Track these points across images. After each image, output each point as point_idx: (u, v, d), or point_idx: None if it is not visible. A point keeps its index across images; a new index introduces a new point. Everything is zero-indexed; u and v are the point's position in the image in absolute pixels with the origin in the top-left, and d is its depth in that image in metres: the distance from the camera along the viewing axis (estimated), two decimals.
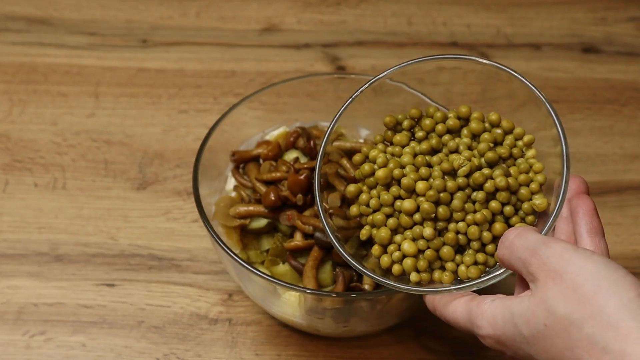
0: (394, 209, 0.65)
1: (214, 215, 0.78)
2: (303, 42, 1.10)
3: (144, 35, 1.10)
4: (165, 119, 1.00)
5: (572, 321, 0.51)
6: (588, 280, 0.51)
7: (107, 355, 0.79)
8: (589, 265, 0.52)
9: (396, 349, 0.80)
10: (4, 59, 1.06)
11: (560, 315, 0.51)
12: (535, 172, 0.64)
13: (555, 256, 0.54)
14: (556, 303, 0.52)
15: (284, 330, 0.81)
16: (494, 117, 0.67)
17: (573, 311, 0.51)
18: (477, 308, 0.58)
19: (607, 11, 1.15)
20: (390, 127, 0.69)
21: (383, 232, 0.65)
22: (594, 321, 0.50)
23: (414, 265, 0.64)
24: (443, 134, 0.67)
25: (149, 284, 0.85)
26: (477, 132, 0.67)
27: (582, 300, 0.51)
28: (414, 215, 0.64)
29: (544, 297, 0.53)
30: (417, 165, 0.65)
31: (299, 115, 0.87)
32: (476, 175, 0.63)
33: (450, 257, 0.64)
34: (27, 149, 0.96)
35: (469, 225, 0.63)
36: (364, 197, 0.67)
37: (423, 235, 0.64)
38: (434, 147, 0.66)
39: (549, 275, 0.53)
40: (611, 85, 1.05)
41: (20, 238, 0.88)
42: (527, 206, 0.63)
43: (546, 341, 0.52)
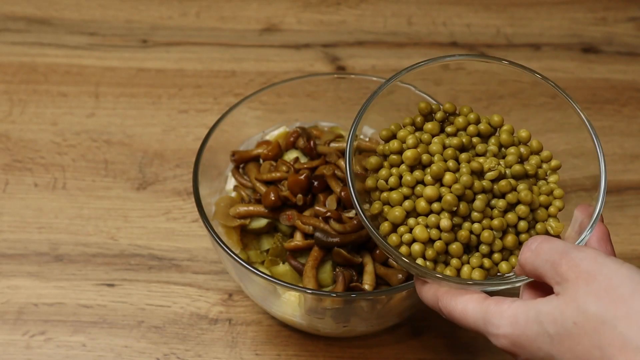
0: (412, 191, 0.64)
1: (214, 215, 0.78)
2: (303, 42, 1.10)
3: (144, 35, 1.10)
4: (165, 119, 1.00)
5: (604, 320, 0.50)
6: (624, 282, 0.51)
7: (107, 355, 0.79)
8: (623, 270, 0.52)
9: (396, 349, 0.80)
10: (4, 59, 1.06)
11: (591, 313, 0.51)
12: (555, 197, 0.65)
13: (587, 259, 0.53)
14: (588, 302, 0.51)
15: (284, 330, 0.81)
16: (524, 135, 0.67)
17: (606, 310, 0.51)
18: (495, 307, 0.57)
19: (607, 11, 1.15)
20: (424, 113, 0.68)
21: (397, 211, 0.64)
22: (629, 321, 0.50)
23: (422, 252, 0.63)
24: (474, 135, 0.67)
25: (149, 284, 0.85)
26: (505, 144, 0.67)
27: (617, 300, 0.50)
28: (433, 203, 0.63)
29: (575, 296, 0.52)
30: (445, 157, 0.65)
31: (299, 115, 0.87)
32: (503, 183, 0.63)
33: (458, 253, 0.63)
34: (27, 149, 0.96)
35: (484, 229, 0.63)
36: (383, 172, 0.65)
37: (439, 225, 0.63)
38: (463, 145, 0.66)
39: (580, 276, 0.53)
40: (611, 85, 1.05)
41: (20, 238, 0.88)
42: (541, 227, 0.64)
43: (573, 340, 0.52)
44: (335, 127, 0.87)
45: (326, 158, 0.80)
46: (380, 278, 0.74)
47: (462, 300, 0.59)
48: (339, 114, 0.89)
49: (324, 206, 0.76)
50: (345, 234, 0.73)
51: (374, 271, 0.74)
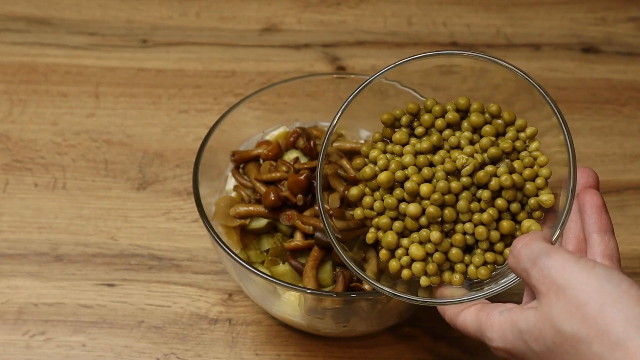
0: (399, 211, 0.64)
1: (214, 215, 0.78)
2: (303, 42, 1.10)
3: (144, 35, 1.10)
4: (165, 119, 1.00)
5: (579, 339, 0.50)
6: (591, 298, 0.50)
7: (107, 355, 0.79)
8: (592, 281, 0.51)
9: (396, 349, 0.80)
10: (4, 59, 1.06)
11: (567, 333, 0.51)
12: (540, 165, 0.63)
13: (555, 268, 0.53)
14: (562, 321, 0.51)
15: (284, 330, 0.81)
16: (494, 108, 0.65)
17: (579, 329, 0.50)
18: (486, 319, 0.58)
19: (607, 11, 1.15)
20: (388, 124, 0.67)
21: (390, 236, 0.63)
22: (601, 340, 0.49)
23: (423, 269, 0.63)
24: (443, 129, 0.65)
25: (149, 284, 0.85)
26: (477, 125, 0.65)
27: (588, 318, 0.50)
28: (420, 218, 0.63)
29: (549, 314, 0.52)
30: (419, 165, 0.64)
31: (299, 115, 0.87)
32: (480, 174, 0.62)
33: (459, 258, 0.63)
34: (27, 149, 0.96)
35: (476, 226, 0.62)
36: (367, 200, 0.65)
37: (430, 239, 0.63)
38: (434, 145, 0.65)
39: (550, 289, 0.53)
40: (611, 85, 1.05)
41: (20, 238, 0.88)
42: (534, 202, 0.63)
43: (556, 357, 0.52)
44: None
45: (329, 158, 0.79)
46: None
47: (462, 315, 0.60)
48: None
49: None
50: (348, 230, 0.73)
51: None
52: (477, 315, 0.59)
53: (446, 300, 0.62)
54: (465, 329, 0.60)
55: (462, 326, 0.60)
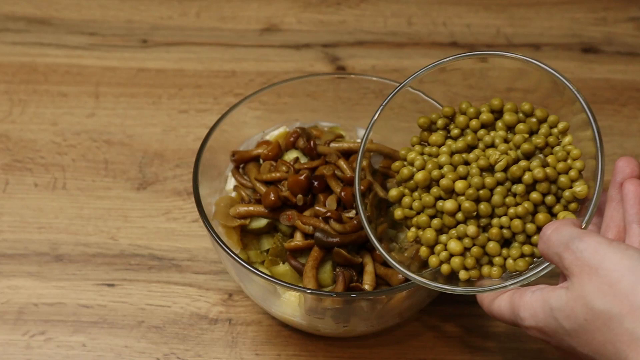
0: (436, 209, 0.66)
1: (214, 215, 0.78)
2: (303, 42, 1.10)
3: (144, 35, 1.10)
4: (165, 119, 1.00)
5: (611, 316, 0.51)
6: (625, 276, 0.51)
7: (107, 355, 0.79)
8: (625, 261, 0.52)
9: (396, 349, 0.80)
10: (4, 59, 1.06)
11: (598, 310, 0.52)
12: (573, 158, 0.64)
13: (588, 250, 0.54)
14: (594, 299, 0.52)
15: (284, 330, 0.81)
16: (527, 107, 0.67)
17: (612, 307, 0.51)
18: (519, 300, 0.59)
19: (607, 11, 1.15)
20: (424, 127, 0.70)
21: (428, 233, 0.66)
22: (633, 316, 0.50)
23: (462, 264, 0.65)
24: (478, 130, 0.67)
25: (149, 284, 0.85)
26: (511, 124, 0.67)
27: (620, 295, 0.51)
28: (457, 214, 0.64)
29: (582, 293, 0.53)
30: (454, 164, 0.66)
31: (299, 115, 0.87)
32: (513, 168, 0.63)
33: (497, 252, 0.64)
34: (27, 149, 0.96)
35: (512, 219, 0.64)
36: (406, 200, 0.67)
37: (467, 233, 0.64)
38: (469, 144, 0.67)
39: (583, 270, 0.54)
40: (611, 86, 1.05)
41: (20, 238, 0.88)
42: (569, 194, 0.64)
43: (587, 335, 0.53)
44: (335, 127, 0.87)
45: (326, 158, 0.80)
46: (380, 278, 0.74)
47: (497, 301, 0.61)
48: (339, 114, 0.89)
49: (324, 206, 0.76)
50: (345, 234, 0.73)
51: (374, 271, 0.74)
52: (510, 299, 0.60)
53: (485, 288, 0.63)
54: (501, 314, 0.61)
55: (497, 311, 0.61)
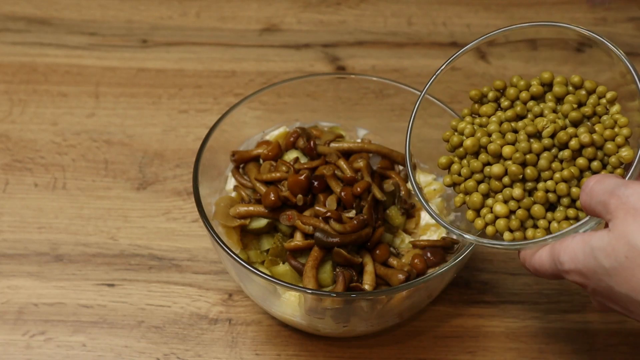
0: (484, 175, 0.68)
1: (214, 215, 0.78)
2: (303, 42, 1.10)
3: (144, 35, 1.10)
4: (165, 119, 1.00)
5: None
6: None
7: (107, 355, 0.79)
8: None
9: (396, 349, 0.80)
10: (4, 59, 1.06)
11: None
12: (620, 126, 0.66)
13: (634, 195, 0.55)
14: (637, 236, 0.54)
15: (284, 330, 0.81)
16: (576, 79, 0.69)
17: None
18: (559, 246, 0.60)
19: (607, 11, 1.15)
20: (476, 100, 0.71)
21: (475, 197, 0.67)
22: None
23: (507, 226, 0.66)
24: (527, 101, 0.69)
25: (149, 284, 0.85)
26: (560, 96, 0.68)
27: None
28: (504, 178, 0.66)
29: (624, 232, 0.54)
30: (503, 131, 0.68)
31: (299, 115, 0.87)
32: (560, 134, 0.65)
33: (542, 214, 0.65)
34: (27, 149, 0.96)
35: (557, 183, 0.65)
36: (455, 167, 0.69)
37: (512, 196, 0.66)
38: (518, 114, 0.68)
39: (628, 212, 0.55)
40: None
41: (20, 238, 0.88)
42: (615, 160, 0.65)
43: (627, 272, 0.54)
44: (335, 127, 0.87)
45: (326, 158, 0.80)
46: (380, 278, 0.74)
47: (538, 254, 0.63)
48: (339, 114, 0.89)
49: (324, 206, 0.76)
50: (345, 234, 0.73)
51: (374, 271, 0.74)
52: (551, 248, 0.61)
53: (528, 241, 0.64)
54: (541, 263, 0.62)
55: (538, 262, 0.62)
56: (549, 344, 0.80)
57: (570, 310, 0.83)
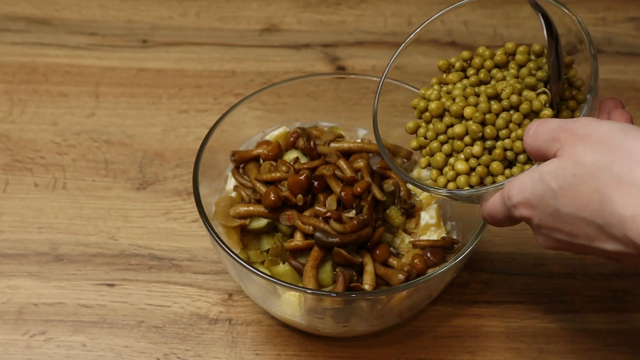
0: (447, 136, 0.70)
1: (214, 215, 0.78)
2: (303, 42, 1.10)
3: (144, 35, 1.10)
4: (165, 119, 1.00)
5: (600, 165, 0.55)
6: (616, 133, 0.55)
7: (107, 355, 0.79)
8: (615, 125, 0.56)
9: (396, 349, 0.80)
10: (4, 59, 1.06)
11: (589, 163, 0.55)
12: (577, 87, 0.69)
13: (582, 126, 0.57)
14: (585, 154, 0.56)
15: (284, 330, 0.81)
16: (537, 48, 0.72)
17: (602, 157, 0.55)
18: (509, 184, 0.62)
19: (607, 11, 1.15)
20: (443, 69, 0.74)
21: (438, 156, 0.70)
22: (622, 160, 0.54)
23: (467, 182, 0.68)
24: (491, 69, 0.71)
25: (149, 284, 0.85)
26: (522, 63, 0.71)
27: (611, 147, 0.55)
28: (465, 138, 0.68)
29: (573, 153, 0.57)
30: (466, 95, 0.70)
31: (299, 115, 0.87)
32: (512, 97, 0.67)
33: (500, 171, 0.67)
34: (28, 149, 0.96)
35: (514, 141, 0.67)
36: (421, 131, 0.72)
37: (472, 153, 0.68)
38: (482, 80, 0.71)
39: (577, 138, 0.57)
40: (611, 85, 1.05)
41: (20, 238, 0.88)
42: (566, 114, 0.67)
43: (574, 190, 0.56)
44: (335, 127, 0.87)
45: (326, 158, 0.80)
46: (380, 278, 0.74)
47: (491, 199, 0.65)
48: (339, 114, 0.89)
49: (324, 206, 0.76)
50: (345, 234, 0.73)
51: (374, 271, 0.74)
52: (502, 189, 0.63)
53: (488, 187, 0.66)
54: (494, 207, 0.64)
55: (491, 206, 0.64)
56: (549, 344, 0.80)
57: (570, 310, 0.83)
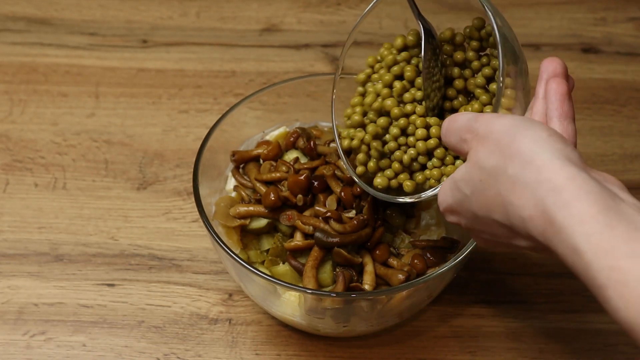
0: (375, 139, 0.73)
1: (214, 215, 0.78)
2: (303, 42, 1.10)
3: (144, 36, 1.10)
4: (165, 119, 1.00)
5: (497, 169, 0.56)
6: (507, 133, 0.57)
7: (107, 355, 0.79)
8: (507, 122, 0.58)
9: (396, 349, 0.80)
10: (5, 59, 1.06)
11: (489, 168, 0.57)
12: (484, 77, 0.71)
13: (483, 125, 0.59)
14: (485, 160, 0.57)
15: (284, 330, 0.81)
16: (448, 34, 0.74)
17: (497, 161, 0.56)
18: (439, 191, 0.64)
19: (606, 11, 1.15)
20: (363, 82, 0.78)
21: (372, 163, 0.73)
22: (513, 163, 0.55)
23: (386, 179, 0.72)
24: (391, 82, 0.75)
25: (149, 283, 0.85)
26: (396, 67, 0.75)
27: (503, 149, 0.56)
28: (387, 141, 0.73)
29: (476, 158, 0.59)
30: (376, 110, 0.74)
31: (299, 115, 0.88)
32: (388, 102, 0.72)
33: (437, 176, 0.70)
34: (28, 149, 0.96)
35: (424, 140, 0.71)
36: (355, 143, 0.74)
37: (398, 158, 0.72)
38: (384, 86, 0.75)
39: (479, 141, 0.59)
40: (611, 85, 1.05)
41: (20, 238, 0.88)
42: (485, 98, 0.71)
43: (482, 195, 0.58)
44: None
45: (326, 158, 0.80)
46: (380, 278, 0.74)
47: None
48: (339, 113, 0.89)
49: (324, 206, 0.76)
50: (345, 234, 0.73)
51: (374, 271, 0.74)
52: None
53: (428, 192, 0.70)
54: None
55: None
56: (549, 344, 0.80)
57: (570, 310, 0.83)
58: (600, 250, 0.50)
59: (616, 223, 0.50)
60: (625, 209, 0.51)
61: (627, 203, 0.52)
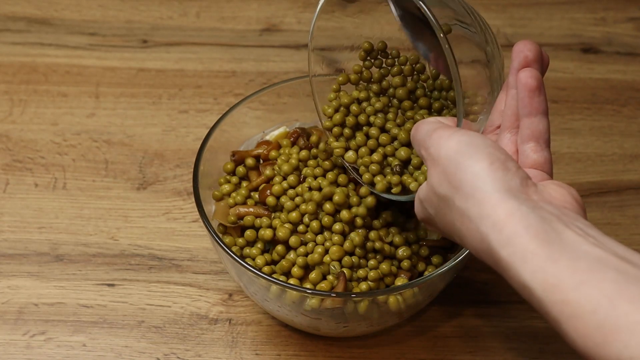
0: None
1: (214, 215, 0.78)
2: (303, 42, 1.10)
3: (144, 36, 1.10)
4: (165, 119, 1.00)
5: (447, 198, 0.56)
6: (451, 161, 0.56)
7: (107, 355, 0.79)
8: (453, 146, 0.56)
9: (396, 349, 0.80)
10: (4, 59, 1.06)
11: (441, 195, 0.57)
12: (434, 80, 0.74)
13: (433, 146, 0.58)
14: (437, 186, 0.57)
15: (284, 330, 0.81)
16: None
17: (447, 190, 0.56)
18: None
19: (606, 11, 1.15)
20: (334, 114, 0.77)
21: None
22: (459, 195, 0.55)
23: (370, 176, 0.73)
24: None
25: (149, 283, 0.85)
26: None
27: (450, 178, 0.56)
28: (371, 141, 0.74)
29: (431, 183, 0.58)
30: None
31: (299, 115, 0.87)
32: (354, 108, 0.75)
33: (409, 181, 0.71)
34: (28, 149, 0.96)
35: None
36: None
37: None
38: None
39: (432, 163, 0.58)
40: (611, 86, 1.05)
41: (20, 238, 0.88)
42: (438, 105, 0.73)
43: (442, 218, 0.58)
44: None
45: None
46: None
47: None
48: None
49: None
50: None
51: None
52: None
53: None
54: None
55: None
56: (549, 344, 0.80)
57: None
58: (548, 285, 0.49)
59: (558, 255, 0.49)
60: (569, 236, 0.50)
61: (571, 229, 0.51)
